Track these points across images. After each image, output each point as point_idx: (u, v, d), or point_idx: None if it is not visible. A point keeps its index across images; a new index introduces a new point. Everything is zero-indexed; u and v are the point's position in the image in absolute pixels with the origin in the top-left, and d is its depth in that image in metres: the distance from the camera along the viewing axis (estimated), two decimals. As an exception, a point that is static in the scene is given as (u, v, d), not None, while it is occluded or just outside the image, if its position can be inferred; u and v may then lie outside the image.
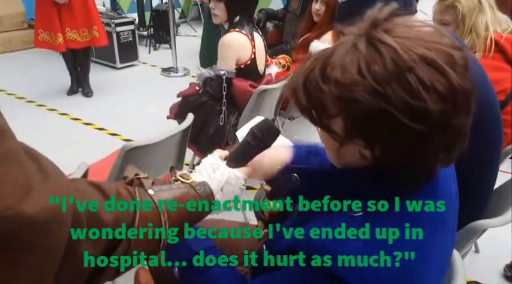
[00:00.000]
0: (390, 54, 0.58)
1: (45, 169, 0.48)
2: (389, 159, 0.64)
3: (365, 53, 0.60)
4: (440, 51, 0.59)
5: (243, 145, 0.93)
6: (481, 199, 1.37)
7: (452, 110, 0.59)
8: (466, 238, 1.18)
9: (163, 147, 1.73)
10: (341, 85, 0.59)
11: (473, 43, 1.77)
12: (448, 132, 0.61)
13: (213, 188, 0.80)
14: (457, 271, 0.87)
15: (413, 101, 0.57)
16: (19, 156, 0.45)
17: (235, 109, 2.34)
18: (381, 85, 0.57)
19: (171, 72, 4.77)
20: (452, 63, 0.59)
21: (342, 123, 0.63)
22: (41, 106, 3.79)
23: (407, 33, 0.61)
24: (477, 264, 2.09)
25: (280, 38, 3.64)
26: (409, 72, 0.57)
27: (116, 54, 4.73)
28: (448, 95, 0.58)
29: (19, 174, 0.44)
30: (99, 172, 1.70)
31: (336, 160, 0.74)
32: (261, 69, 2.37)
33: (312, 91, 0.64)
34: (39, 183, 0.46)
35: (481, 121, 0.69)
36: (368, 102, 0.58)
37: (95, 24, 3.64)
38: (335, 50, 0.63)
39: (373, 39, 0.61)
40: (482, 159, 1.27)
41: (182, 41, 5.76)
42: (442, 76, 0.58)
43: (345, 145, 0.66)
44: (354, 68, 0.59)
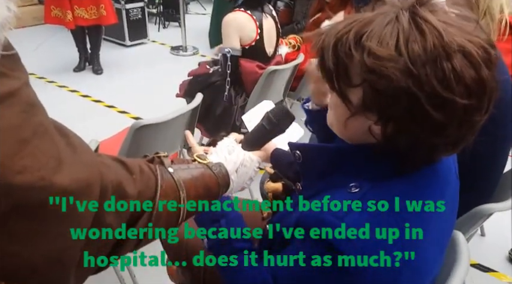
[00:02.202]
0: (433, 36, 0.57)
1: (73, 144, 0.51)
2: (398, 139, 0.63)
3: (407, 28, 0.58)
4: (479, 46, 0.58)
5: (258, 129, 0.95)
6: (491, 183, 1.37)
7: (475, 106, 0.59)
8: (471, 222, 1.19)
9: (172, 126, 1.74)
10: (375, 57, 0.58)
11: (487, 26, 1.73)
12: (464, 128, 0.61)
13: (228, 169, 0.82)
14: (461, 252, 0.88)
15: (443, 90, 0.56)
16: (50, 130, 0.47)
17: (242, 91, 2.34)
18: (416, 67, 0.56)
19: (180, 50, 4.76)
20: (487, 60, 0.58)
21: (362, 93, 0.62)
22: (51, 83, 3.82)
23: (451, 20, 0.60)
24: (482, 247, 2.11)
25: (290, 17, 3.58)
26: (447, 59, 0.56)
27: (125, 32, 4.72)
28: (476, 91, 0.57)
29: (50, 147, 0.46)
30: (110, 148, 1.73)
31: (340, 130, 0.73)
32: (269, 51, 2.35)
33: (341, 55, 0.62)
34: (69, 156, 0.48)
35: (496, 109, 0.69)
36: (398, 81, 0.57)
37: (102, 2, 3.62)
38: (375, 18, 0.61)
39: (417, 16, 0.59)
40: (495, 145, 1.27)
41: (192, 19, 5.71)
42: (474, 72, 0.57)
43: (356, 115, 0.65)
44: (392, 41, 0.58)
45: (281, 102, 2.67)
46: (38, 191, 0.43)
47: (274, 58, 2.43)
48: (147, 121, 1.58)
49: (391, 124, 0.62)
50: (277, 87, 2.49)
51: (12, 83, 0.43)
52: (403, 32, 0.58)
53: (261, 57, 2.31)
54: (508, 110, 1.27)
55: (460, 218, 1.21)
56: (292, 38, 2.95)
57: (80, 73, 4.05)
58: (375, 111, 0.62)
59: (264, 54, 2.32)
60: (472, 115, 0.59)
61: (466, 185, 1.18)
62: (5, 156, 0.40)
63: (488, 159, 1.28)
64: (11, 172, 0.41)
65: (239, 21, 2.16)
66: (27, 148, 0.43)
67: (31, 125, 0.44)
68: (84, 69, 4.09)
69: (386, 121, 0.62)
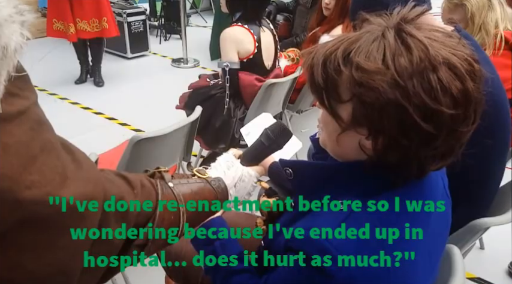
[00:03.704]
0: (419, 49, 0.59)
1: (78, 160, 0.53)
2: (388, 153, 0.64)
3: (393, 43, 0.60)
4: (463, 59, 0.60)
5: (256, 145, 0.98)
6: (488, 196, 1.38)
7: (462, 117, 0.60)
8: (467, 236, 1.19)
9: (171, 139, 1.76)
10: (362, 71, 0.60)
11: (482, 41, 1.76)
12: (452, 138, 0.62)
13: (227, 183, 0.85)
14: (456, 266, 0.89)
15: (430, 101, 0.58)
16: (56, 147, 0.49)
17: (241, 103, 2.36)
18: (403, 79, 0.58)
19: (181, 62, 4.80)
20: (472, 73, 0.60)
21: (351, 109, 0.63)
22: (52, 95, 3.85)
23: (435, 36, 0.62)
24: (482, 261, 2.10)
25: (290, 30, 3.62)
26: (433, 71, 0.58)
27: (127, 44, 4.76)
28: (462, 102, 0.59)
29: (57, 163, 0.48)
30: (109, 161, 1.74)
31: (333, 148, 0.74)
32: (268, 65, 2.37)
33: (330, 71, 0.64)
34: (74, 172, 0.50)
35: (491, 120, 0.70)
36: (386, 93, 0.58)
37: (104, 15, 3.66)
38: (362, 36, 0.64)
39: (403, 32, 0.61)
40: (491, 157, 1.27)
41: (193, 32, 5.77)
42: (460, 83, 0.59)
43: (346, 131, 0.66)
44: (379, 56, 0.60)
45: (280, 114, 2.69)
46: (45, 206, 0.45)
47: (273, 71, 2.45)
48: (145, 134, 1.59)
49: (381, 138, 0.63)
50: (276, 100, 2.51)
51: (22, 102, 0.45)
52: (389, 47, 0.60)
53: (260, 70, 2.33)
54: (502, 122, 1.28)
55: (456, 233, 1.21)
56: (291, 51, 2.98)
57: (81, 85, 4.08)
58: (365, 125, 0.63)
59: (263, 67, 2.35)
60: (459, 125, 0.61)
61: (461, 199, 1.19)
62: (15, 172, 0.42)
63: (483, 172, 1.29)
64: (19, 187, 0.42)
65: (237, 36, 2.19)
66: (35, 165, 0.44)
67: (39, 142, 0.46)
68: (86, 82, 4.12)
69: (376, 135, 0.63)
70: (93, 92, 3.97)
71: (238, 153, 1.00)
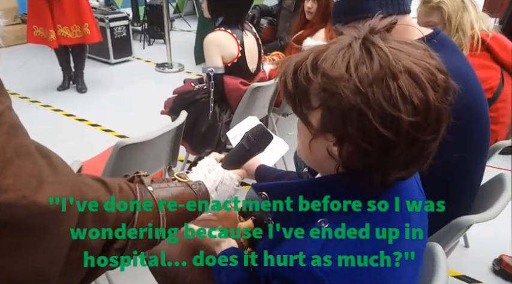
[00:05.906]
0: (380, 58, 0.61)
1: (54, 164, 0.52)
2: (353, 160, 0.66)
3: (358, 52, 0.63)
4: (425, 68, 0.62)
5: (237, 148, 1.00)
6: (469, 195, 1.40)
7: (422, 124, 0.61)
8: (450, 234, 1.21)
9: (157, 144, 1.74)
10: (327, 77, 0.62)
11: (460, 41, 1.81)
12: (413, 147, 0.63)
13: (208, 187, 0.85)
14: (439, 263, 0.90)
15: (389, 108, 0.60)
16: (31, 151, 0.49)
17: (227, 107, 2.36)
18: (363, 86, 0.60)
19: (165, 67, 4.78)
20: (433, 82, 0.62)
21: (320, 115, 0.66)
22: (34, 102, 3.79)
23: (400, 47, 0.64)
24: (466, 258, 2.13)
25: (274, 34, 3.65)
26: (392, 79, 0.60)
27: (109, 50, 4.72)
28: (422, 109, 0.61)
29: (32, 167, 0.47)
30: (93, 168, 1.71)
31: (306, 156, 0.76)
32: (252, 68, 2.38)
33: (300, 79, 0.66)
34: (50, 176, 0.50)
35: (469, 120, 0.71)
36: (348, 99, 0.60)
37: (86, 21, 3.63)
38: (330, 46, 0.67)
39: (368, 42, 0.64)
40: (470, 156, 1.30)
41: (177, 36, 5.75)
42: (420, 91, 0.60)
43: (316, 138, 0.69)
44: (343, 64, 0.62)
45: (266, 117, 2.70)
46: (20, 209, 0.44)
47: (258, 74, 2.46)
48: (130, 140, 1.58)
49: (346, 144, 0.65)
50: (261, 103, 2.52)
51: None
52: (353, 55, 0.63)
53: (244, 74, 2.34)
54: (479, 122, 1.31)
55: (439, 231, 1.23)
56: (276, 54, 3.01)
57: (64, 92, 4.03)
58: (331, 131, 0.66)
59: (247, 70, 2.35)
60: (419, 133, 0.62)
61: (442, 197, 1.21)
62: None
63: (464, 173, 1.31)
64: None
65: (220, 40, 2.19)
66: (10, 168, 0.44)
67: (14, 146, 0.45)
68: (68, 88, 4.08)
69: (342, 142, 0.65)
70: (76, 99, 3.92)
71: (219, 156, 1.01)
